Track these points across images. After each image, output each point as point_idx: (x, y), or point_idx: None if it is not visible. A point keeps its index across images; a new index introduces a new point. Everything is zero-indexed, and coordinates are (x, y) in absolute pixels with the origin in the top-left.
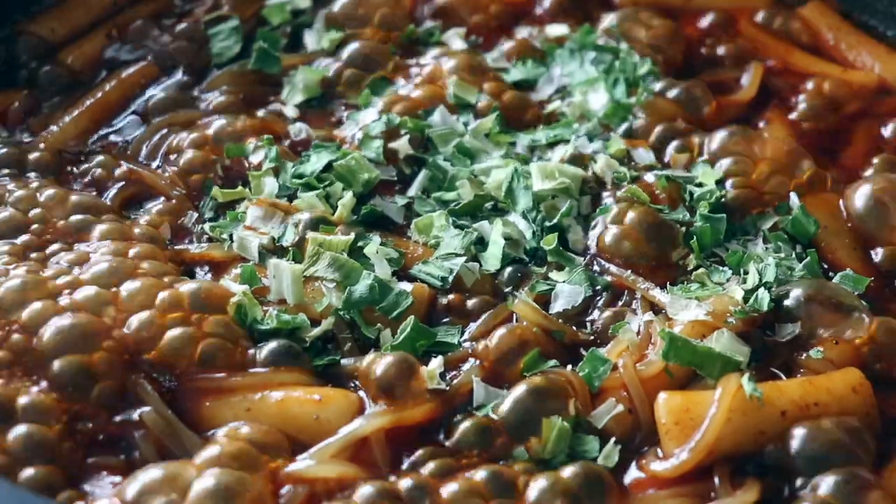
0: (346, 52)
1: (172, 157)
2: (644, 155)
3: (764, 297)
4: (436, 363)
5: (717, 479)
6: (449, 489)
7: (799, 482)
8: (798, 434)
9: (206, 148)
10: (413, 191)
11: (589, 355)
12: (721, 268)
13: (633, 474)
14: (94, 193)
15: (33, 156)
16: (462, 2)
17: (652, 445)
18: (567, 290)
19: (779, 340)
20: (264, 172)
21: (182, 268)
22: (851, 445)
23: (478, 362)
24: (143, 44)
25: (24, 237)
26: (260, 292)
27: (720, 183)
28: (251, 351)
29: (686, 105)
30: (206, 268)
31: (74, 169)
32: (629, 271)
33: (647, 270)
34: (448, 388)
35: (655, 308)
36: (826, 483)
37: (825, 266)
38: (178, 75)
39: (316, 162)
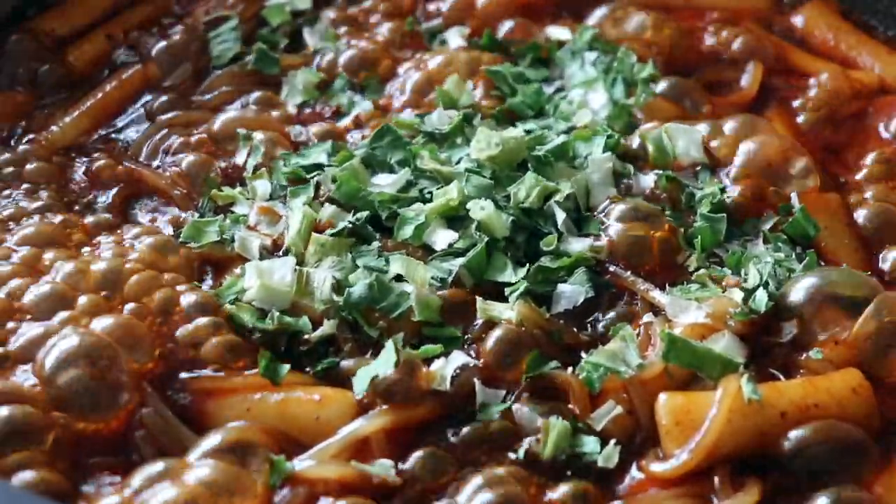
0: (345, 52)
1: (173, 157)
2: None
3: (762, 297)
4: (439, 364)
5: (717, 480)
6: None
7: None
8: (797, 438)
9: (207, 149)
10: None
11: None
12: (720, 269)
13: (633, 475)
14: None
15: (33, 158)
16: (462, 3)
17: (652, 446)
18: (568, 292)
19: (778, 341)
20: (258, 175)
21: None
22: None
23: (478, 362)
24: (144, 44)
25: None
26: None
27: (723, 191)
28: None
29: (685, 105)
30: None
31: (75, 169)
32: (629, 272)
33: (648, 272)
34: (452, 390)
35: (655, 309)
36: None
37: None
38: (179, 76)
39: (314, 160)
